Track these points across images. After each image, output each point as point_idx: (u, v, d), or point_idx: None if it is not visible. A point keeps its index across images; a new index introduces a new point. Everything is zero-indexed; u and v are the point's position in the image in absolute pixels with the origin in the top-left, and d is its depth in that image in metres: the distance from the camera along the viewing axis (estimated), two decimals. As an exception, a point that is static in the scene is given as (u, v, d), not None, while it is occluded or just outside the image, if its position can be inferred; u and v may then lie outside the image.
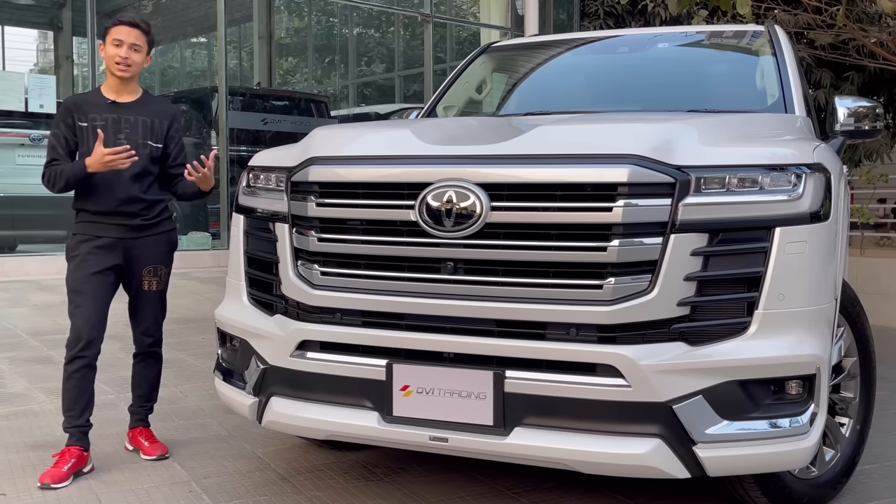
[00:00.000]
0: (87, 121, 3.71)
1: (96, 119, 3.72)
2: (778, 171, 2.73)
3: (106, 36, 3.75)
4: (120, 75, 3.75)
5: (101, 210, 3.72)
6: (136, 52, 3.75)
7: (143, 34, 3.77)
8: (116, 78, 3.77)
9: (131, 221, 3.76)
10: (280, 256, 3.14)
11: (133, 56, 3.74)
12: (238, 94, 13.53)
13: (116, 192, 3.71)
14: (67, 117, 3.72)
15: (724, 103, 4.11)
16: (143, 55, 3.79)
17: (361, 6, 18.40)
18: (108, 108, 3.75)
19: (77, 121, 3.71)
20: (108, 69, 3.77)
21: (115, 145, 3.65)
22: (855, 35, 8.18)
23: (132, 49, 3.74)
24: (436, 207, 2.79)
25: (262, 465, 3.80)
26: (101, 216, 3.72)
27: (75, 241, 3.73)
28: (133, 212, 3.75)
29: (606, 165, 2.69)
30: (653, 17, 12.10)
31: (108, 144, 3.64)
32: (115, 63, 3.72)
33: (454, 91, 5.05)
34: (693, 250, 2.66)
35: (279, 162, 3.27)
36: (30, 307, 7.63)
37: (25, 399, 4.79)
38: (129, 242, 3.76)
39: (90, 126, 3.70)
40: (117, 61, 3.72)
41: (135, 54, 3.75)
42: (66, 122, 3.72)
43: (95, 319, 3.66)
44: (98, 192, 3.70)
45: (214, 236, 11.18)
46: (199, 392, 4.96)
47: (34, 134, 9.54)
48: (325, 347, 3.01)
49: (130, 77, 3.79)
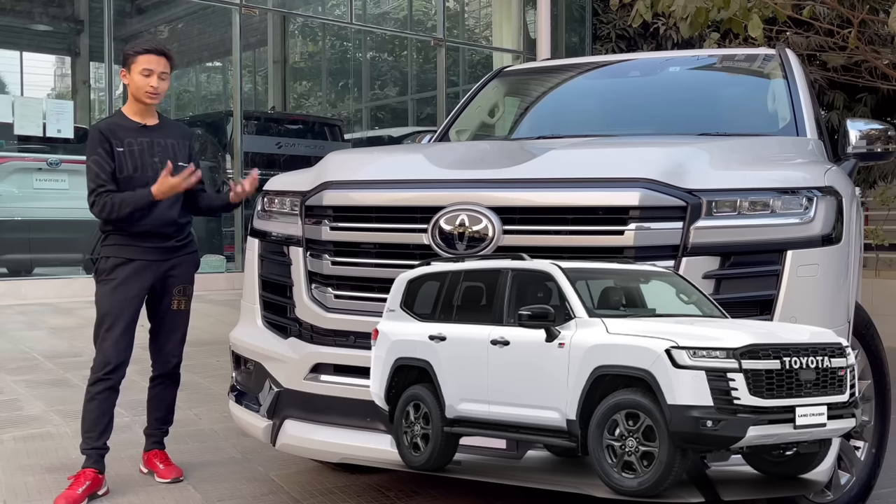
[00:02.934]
0: (123, 146, 3.73)
1: (132, 144, 3.75)
2: (789, 194, 2.75)
3: (131, 64, 3.76)
4: (150, 103, 3.81)
5: (138, 232, 3.74)
6: (163, 81, 3.81)
7: (169, 62, 3.83)
8: (142, 104, 3.82)
9: (166, 243, 3.80)
10: (294, 280, 3.16)
11: (162, 85, 3.80)
12: (253, 117, 13.64)
13: (155, 215, 3.74)
14: (105, 143, 3.73)
15: (735, 127, 4.12)
16: (168, 82, 3.85)
17: (375, 31, 18.59)
18: (140, 132, 3.79)
19: (114, 147, 3.73)
20: (136, 97, 3.80)
21: (151, 167, 3.72)
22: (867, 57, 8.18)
23: (161, 78, 3.79)
24: (448, 231, 2.81)
25: (276, 488, 3.80)
26: (137, 238, 3.75)
27: (110, 264, 3.74)
28: (168, 233, 3.81)
29: (618, 189, 2.72)
30: (665, 40, 12.13)
31: (147, 168, 3.72)
32: (146, 92, 3.76)
33: (467, 115, 5.09)
34: (705, 273, 2.67)
35: (294, 186, 3.30)
36: (46, 330, 7.68)
37: (42, 422, 4.82)
38: (163, 264, 3.81)
39: (127, 150, 3.73)
40: (148, 91, 3.76)
41: (163, 83, 3.80)
42: (105, 147, 3.72)
43: (124, 344, 3.70)
44: (135, 216, 3.72)
45: (229, 259, 11.23)
46: (213, 415, 4.98)
47: (52, 158, 9.63)
48: (339, 370, 3.03)
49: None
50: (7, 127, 9.70)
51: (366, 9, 18.94)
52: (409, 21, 19.06)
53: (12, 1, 14.78)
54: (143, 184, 3.70)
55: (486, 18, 17.93)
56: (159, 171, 3.69)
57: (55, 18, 16.88)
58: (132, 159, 3.72)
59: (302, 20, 19.57)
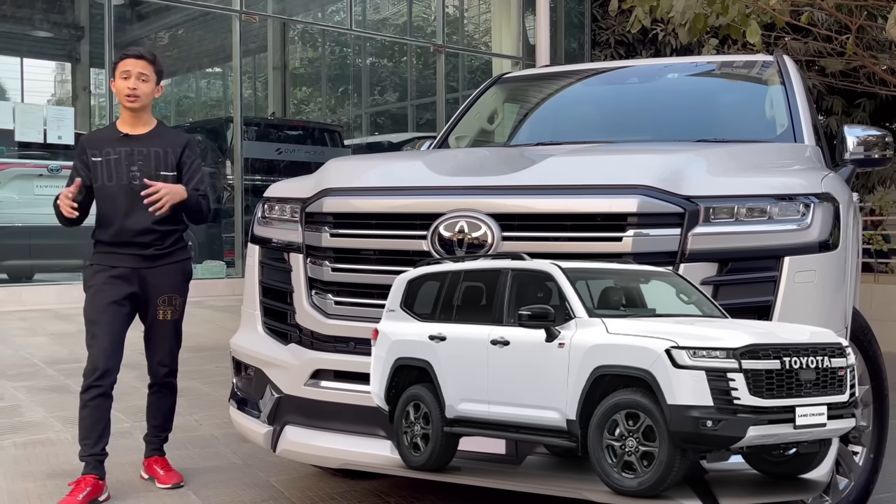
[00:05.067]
0: (101, 155, 3.80)
1: (110, 153, 3.80)
2: (787, 200, 2.76)
3: (115, 72, 3.85)
4: (130, 106, 3.83)
5: (116, 241, 3.79)
6: (143, 83, 3.82)
7: (150, 64, 3.85)
8: (129, 111, 3.86)
9: (145, 252, 3.81)
10: (294, 286, 3.18)
11: (141, 86, 3.82)
12: (253, 123, 13.67)
13: (130, 224, 3.77)
14: (83, 154, 3.84)
15: (733, 133, 4.13)
16: (151, 85, 3.86)
17: (375, 37, 18.61)
18: (120, 142, 3.83)
19: (91, 157, 3.80)
20: (120, 103, 3.86)
21: (129, 177, 3.75)
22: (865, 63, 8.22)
23: (139, 79, 3.81)
24: (448, 237, 2.83)
25: (276, 494, 3.81)
26: (115, 247, 3.79)
27: (92, 272, 3.81)
28: (146, 242, 3.81)
29: (616, 196, 2.73)
30: (663, 46, 12.17)
31: (122, 177, 3.76)
32: (125, 95, 3.81)
33: (466, 121, 5.11)
34: (703, 279, 2.68)
35: (294, 193, 3.32)
36: (47, 336, 7.69)
37: (42, 428, 4.83)
38: (144, 272, 3.82)
39: (104, 160, 3.79)
40: (126, 93, 3.81)
41: (143, 84, 3.82)
42: (82, 159, 3.84)
43: (111, 349, 3.70)
44: (112, 224, 3.78)
45: (229, 265, 11.24)
46: (213, 420, 4.98)
47: (52, 165, 9.66)
48: (339, 376, 3.04)
49: (141, 107, 3.85)
50: (8, 133, 9.74)
51: (365, 15, 18.97)
52: (409, 27, 19.10)
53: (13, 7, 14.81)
54: (117, 192, 3.75)
55: (485, 24, 17.96)
56: (137, 179, 3.74)
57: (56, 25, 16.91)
58: (107, 169, 3.77)
59: (302, 26, 19.61)
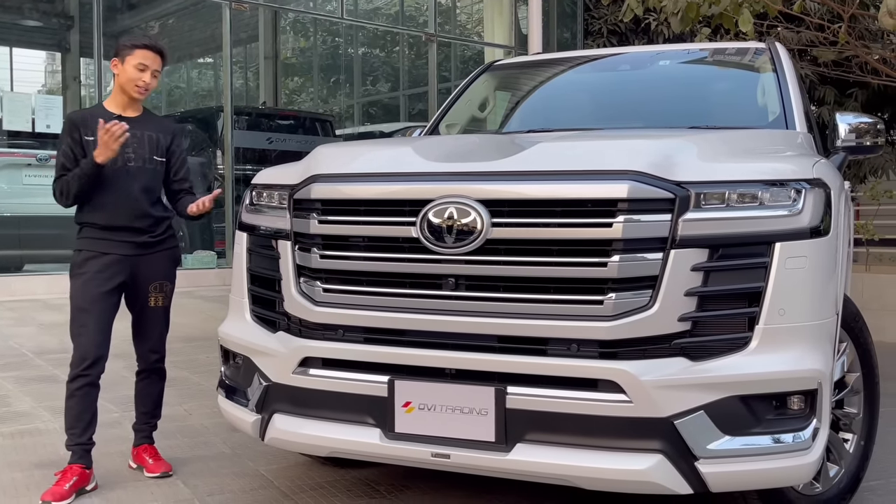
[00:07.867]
0: (93, 135, 3.68)
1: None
2: (778, 186, 2.74)
3: (126, 55, 3.75)
4: (138, 97, 3.81)
5: (110, 225, 3.71)
6: (154, 78, 3.82)
7: (163, 60, 3.85)
8: (127, 97, 3.81)
9: (139, 238, 3.77)
10: (283, 273, 3.15)
11: (153, 82, 3.81)
12: (244, 113, 13.59)
13: (127, 207, 3.72)
14: (74, 132, 3.71)
15: (725, 120, 4.12)
16: (158, 79, 3.86)
17: (366, 26, 18.54)
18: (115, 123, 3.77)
19: (84, 136, 3.70)
20: (124, 88, 3.79)
21: (124, 159, 3.69)
22: (857, 52, 8.21)
23: (154, 76, 3.80)
24: (437, 224, 2.80)
25: (266, 483, 3.79)
26: (109, 231, 3.72)
27: (81, 258, 3.71)
28: (142, 227, 3.77)
29: (606, 182, 2.71)
30: (656, 35, 12.14)
31: (117, 158, 3.65)
32: (136, 86, 3.76)
33: (457, 109, 5.08)
34: (693, 265, 2.66)
35: (282, 180, 3.29)
36: (36, 326, 7.66)
37: (30, 418, 4.80)
38: (136, 259, 3.77)
39: (97, 140, 3.71)
40: (139, 85, 3.76)
41: (154, 81, 3.82)
42: (73, 136, 3.71)
43: (101, 338, 3.66)
44: (108, 207, 3.71)
45: (219, 255, 11.21)
46: (202, 410, 4.97)
47: (41, 154, 9.60)
48: (328, 364, 3.01)
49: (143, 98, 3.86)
50: (-4, 123, 9.69)
51: (357, 4, 18.88)
52: (401, 16, 19.02)
53: (2, -3, 14.71)
54: (111, 174, 3.67)
55: (477, 14, 17.91)
56: (132, 161, 3.68)
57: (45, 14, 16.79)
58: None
59: (293, 15, 19.50)
